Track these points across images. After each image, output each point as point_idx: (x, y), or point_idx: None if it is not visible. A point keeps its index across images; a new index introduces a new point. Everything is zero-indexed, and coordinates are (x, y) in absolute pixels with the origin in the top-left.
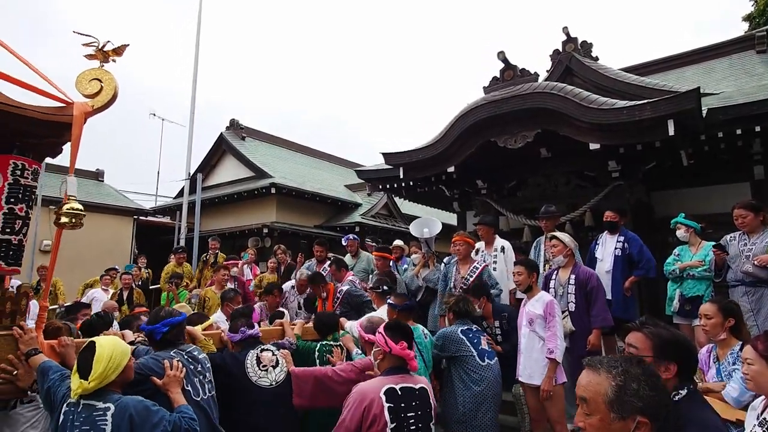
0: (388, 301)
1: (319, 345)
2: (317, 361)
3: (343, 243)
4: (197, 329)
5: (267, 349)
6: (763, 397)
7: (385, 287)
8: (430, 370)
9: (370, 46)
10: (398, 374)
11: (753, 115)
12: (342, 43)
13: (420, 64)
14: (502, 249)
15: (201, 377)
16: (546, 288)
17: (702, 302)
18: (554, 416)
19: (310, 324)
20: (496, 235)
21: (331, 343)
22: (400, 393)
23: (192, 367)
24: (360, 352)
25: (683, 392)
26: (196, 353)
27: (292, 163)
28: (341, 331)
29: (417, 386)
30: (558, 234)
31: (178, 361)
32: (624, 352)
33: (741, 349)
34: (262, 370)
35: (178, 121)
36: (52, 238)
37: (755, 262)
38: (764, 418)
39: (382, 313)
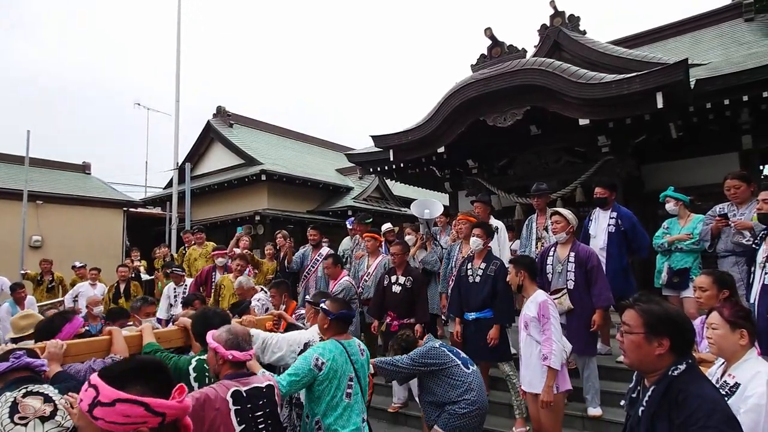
0: (321, 305)
1: (196, 359)
2: (196, 382)
3: (348, 226)
4: None
5: (38, 393)
6: (720, 362)
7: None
8: (368, 399)
9: (357, 28)
10: (241, 378)
11: (741, 85)
12: (329, 27)
13: (406, 43)
14: (496, 229)
15: None
16: (542, 265)
17: (690, 275)
18: (548, 426)
19: (173, 327)
20: (491, 215)
21: None
22: (246, 395)
23: None
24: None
25: (682, 367)
26: None
27: (281, 148)
28: None
29: (264, 384)
30: (561, 210)
31: None
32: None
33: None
34: (17, 424)
35: (163, 110)
36: (40, 233)
37: (731, 224)
38: (725, 381)
39: (312, 333)
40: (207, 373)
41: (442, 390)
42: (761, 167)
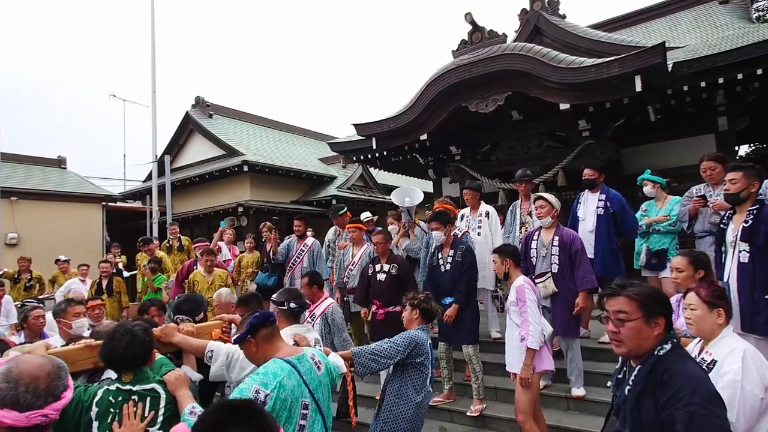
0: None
1: (103, 390)
2: (96, 421)
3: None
4: None
5: None
6: (697, 340)
7: (292, 304)
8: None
9: (339, 17)
10: None
11: (716, 67)
12: (310, 16)
13: (389, 30)
14: (487, 214)
15: None
16: (526, 249)
17: (668, 255)
18: (521, 405)
19: (83, 342)
20: (482, 201)
21: (135, 388)
22: None
23: None
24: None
25: (667, 346)
26: None
27: (263, 138)
28: (157, 363)
29: None
30: (544, 195)
31: None
32: (605, 319)
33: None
34: None
35: (141, 102)
36: (16, 230)
37: (710, 205)
38: (702, 358)
39: (286, 336)
40: (112, 408)
41: (396, 391)
42: (736, 148)
